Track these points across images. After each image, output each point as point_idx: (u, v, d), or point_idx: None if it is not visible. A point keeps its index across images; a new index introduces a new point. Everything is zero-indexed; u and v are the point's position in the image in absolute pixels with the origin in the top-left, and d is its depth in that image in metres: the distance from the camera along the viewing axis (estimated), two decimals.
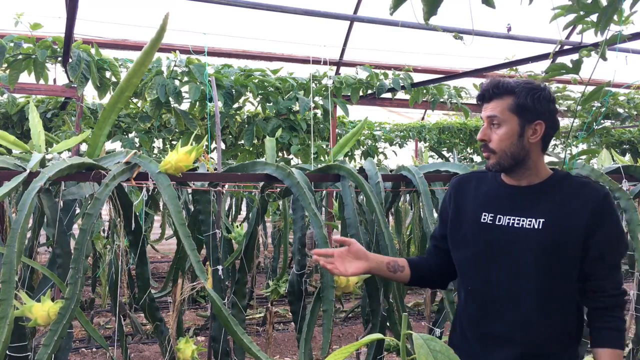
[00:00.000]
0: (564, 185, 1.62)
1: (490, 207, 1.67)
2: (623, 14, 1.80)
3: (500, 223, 1.63)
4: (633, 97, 5.67)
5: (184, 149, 2.03)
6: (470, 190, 1.75)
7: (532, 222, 1.59)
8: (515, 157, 1.60)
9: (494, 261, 1.63)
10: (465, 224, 1.70)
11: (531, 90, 1.60)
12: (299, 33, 5.11)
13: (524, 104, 1.59)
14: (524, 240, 1.59)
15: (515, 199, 1.64)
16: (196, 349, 2.24)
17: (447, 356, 0.87)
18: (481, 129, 1.64)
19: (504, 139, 1.60)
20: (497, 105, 1.61)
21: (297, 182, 2.17)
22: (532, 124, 1.60)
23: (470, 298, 1.69)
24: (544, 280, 1.57)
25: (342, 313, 5.91)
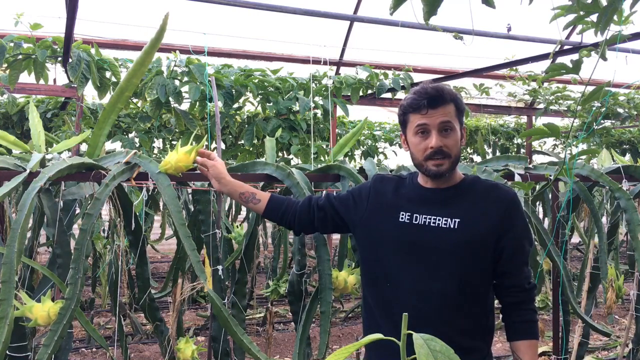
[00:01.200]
0: (476, 187, 1.71)
1: (408, 207, 1.72)
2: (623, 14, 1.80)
3: (417, 222, 1.68)
4: (633, 97, 5.67)
5: (183, 149, 2.03)
6: (389, 191, 1.79)
7: (447, 222, 1.65)
8: (458, 160, 1.69)
9: (411, 259, 1.67)
10: (383, 223, 1.74)
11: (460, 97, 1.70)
12: (299, 33, 5.11)
13: (462, 109, 1.69)
14: (440, 239, 1.64)
15: (432, 199, 1.70)
16: (196, 349, 2.24)
17: (448, 356, 0.87)
18: (434, 136, 1.63)
19: (455, 143, 1.66)
20: (446, 111, 1.64)
21: (297, 182, 2.17)
22: (462, 128, 1.70)
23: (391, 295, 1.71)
24: (459, 278, 1.62)
25: (342, 313, 5.91)
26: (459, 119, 1.67)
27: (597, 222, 2.82)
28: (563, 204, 2.67)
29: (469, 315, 1.65)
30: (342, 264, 2.44)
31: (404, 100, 1.71)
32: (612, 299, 3.18)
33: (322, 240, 2.16)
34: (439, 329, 1.59)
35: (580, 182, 2.54)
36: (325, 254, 2.15)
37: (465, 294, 1.63)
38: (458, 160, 1.69)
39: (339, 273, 2.22)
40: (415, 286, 1.64)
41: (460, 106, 1.68)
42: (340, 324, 5.66)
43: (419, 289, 1.64)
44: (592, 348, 4.75)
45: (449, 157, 1.65)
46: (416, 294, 1.64)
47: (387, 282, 1.72)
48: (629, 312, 2.83)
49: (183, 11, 4.52)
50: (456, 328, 1.63)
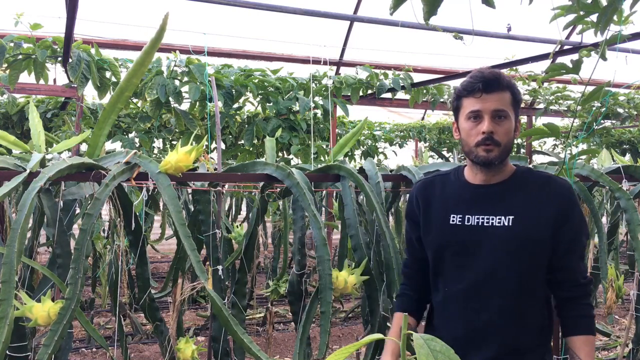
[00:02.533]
0: (529, 180, 1.64)
1: (458, 208, 1.66)
2: (623, 14, 1.80)
3: (469, 223, 1.63)
4: (633, 97, 5.67)
5: (184, 149, 2.03)
6: (436, 194, 1.74)
7: (501, 220, 1.59)
8: (509, 151, 1.63)
9: (467, 262, 1.63)
10: (436, 227, 1.70)
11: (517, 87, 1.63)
12: (299, 33, 5.11)
13: (519, 100, 1.62)
14: (495, 239, 1.59)
15: (482, 198, 1.65)
16: (196, 349, 2.24)
17: (448, 356, 0.87)
18: (486, 121, 1.57)
19: (508, 133, 1.59)
20: (501, 98, 1.58)
21: (297, 182, 2.16)
22: (517, 119, 1.64)
23: (450, 299, 1.68)
24: (518, 277, 1.58)
25: (342, 313, 5.91)
26: (514, 109, 1.60)
27: (597, 222, 2.82)
28: None
29: (529, 314, 1.60)
30: (342, 264, 2.44)
31: (460, 84, 1.65)
32: (612, 299, 3.18)
33: (322, 241, 2.15)
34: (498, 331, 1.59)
35: (580, 182, 2.54)
36: (325, 254, 2.15)
37: (524, 292, 1.58)
38: (509, 152, 1.61)
39: (339, 273, 2.22)
40: (472, 290, 1.61)
41: (516, 96, 1.61)
42: (340, 324, 5.66)
43: (477, 293, 1.60)
44: None
45: (499, 145, 1.57)
46: (475, 298, 1.61)
47: (446, 287, 1.69)
48: (629, 312, 2.83)
49: (183, 11, 4.53)
50: (516, 328, 1.59)
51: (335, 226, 4.07)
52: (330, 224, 4.14)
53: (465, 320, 1.63)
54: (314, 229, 2.17)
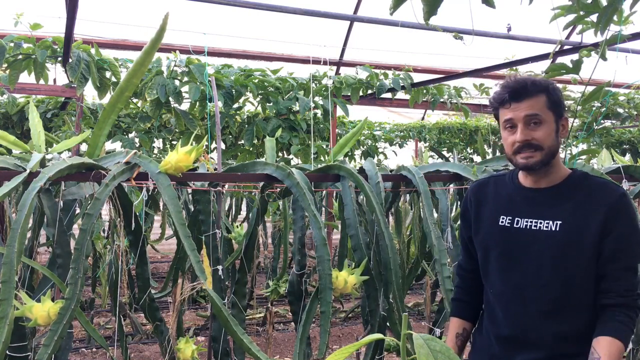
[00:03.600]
0: (583, 186, 1.62)
1: (509, 210, 1.66)
2: (623, 14, 1.80)
3: (518, 226, 1.63)
4: (633, 97, 5.67)
5: (184, 149, 2.03)
6: (489, 194, 1.74)
7: (549, 225, 1.58)
8: (554, 154, 1.60)
9: (513, 264, 1.63)
10: (485, 227, 1.71)
11: (557, 87, 1.62)
12: (299, 33, 5.11)
13: (557, 100, 1.60)
14: (541, 243, 1.58)
15: (533, 201, 1.64)
16: (196, 349, 2.24)
17: (448, 356, 0.87)
18: (520, 130, 1.57)
19: (547, 136, 1.57)
20: (534, 103, 1.57)
21: (297, 182, 2.16)
22: (561, 120, 1.62)
23: (495, 300, 1.69)
24: (561, 283, 1.56)
25: (342, 313, 5.91)
26: (553, 110, 1.58)
27: None
28: None
29: (572, 322, 1.57)
30: (342, 264, 2.44)
31: (492, 95, 1.66)
32: None
33: (322, 241, 2.15)
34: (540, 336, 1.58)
35: None
36: (325, 254, 2.15)
37: (568, 299, 1.56)
38: (553, 155, 1.59)
39: (339, 273, 2.22)
40: (516, 293, 1.60)
41: (553, 96, 1.59)
42: (340, 324, 5.65)
43: (520, 296, 1.59)
44: None
45: (540, 149, 1.56)
46: (518, 301, 1.60)
47: (491, 288, 1.69)
48: None
49: (183, 11, 4.53)
50: (558, 334, 1.57)
51: (335, 226, 4.07)
52: (330, 224, 4.14)
53: (509, 322, 1.64)
54: (314, 229, 2.17)
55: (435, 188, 2.68)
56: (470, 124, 7.84)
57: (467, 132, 7.92)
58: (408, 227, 5.06)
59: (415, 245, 3.75)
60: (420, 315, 5.68)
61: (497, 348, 1.67)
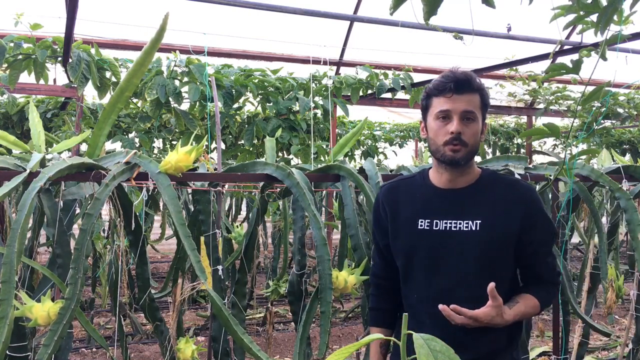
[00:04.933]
0: (495, 184, 1.66)
1: (426, 212, 1.66)
2: (623, 14, 1.80)
3: (437, 228, 1.63)
4: (633, 97, 5.67)
5: (184, 149, 2.03)
6: (402, 198, 1.73)
7: (469, 224, 1.60)
8: (474, 153, 1.64)
9: (437, 267, 1.62)
10: (403, 233, 1.69)
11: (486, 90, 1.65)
12: (299, 33, 5.11)
13: (486, 103, 1.64)
14: (463, 243, 1.59)
15: (449, 202, 1.65)
16: (196, 349, 2.24)
17: (448, 356, 0.87)
18: (455, 121, 1.58)
19: (475, 134, 1.61)
20: (471, 99, 1.60)
21: (297, 182, 2.16)
22: (484, 123, 1.65)
23: (420, 305, 1.67)
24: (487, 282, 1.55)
25: (342, 313, 5.91)
26: (482, 112, 1.63)
27: (597, 222, 2.82)
28: (563, 204, 2.67)
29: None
30: (342, 264, 2.44)
31: (430, 83, 1.66)
32: (612, 299, 3.18)
33: (322, 241, 2.15)
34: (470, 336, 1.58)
35: (580, 182, 2.54)
36: (325, 254, 2.15)
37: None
38: (474, 153, 1.64)
39: (339, 273, 2.22)
40: (443, 295, 1.59)
41: (485, 99, 1.64)
42: (340, 324, 5.66)
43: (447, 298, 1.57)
44: (592, 348, 4.75)
45: (466, 146, 1.59)
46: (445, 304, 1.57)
47: (415, 293, 1.68)
48: (629, 312, 2.83)
49: (183, 11, 4.53)
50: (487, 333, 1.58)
51: (335, 226, 4.07)
52: (330, 224, 4.14)
53: (436, 326, 1.60)
54: (314, 229, 2.17)
55: None
56: None
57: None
58: None
59: None
60: None
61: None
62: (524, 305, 1.61)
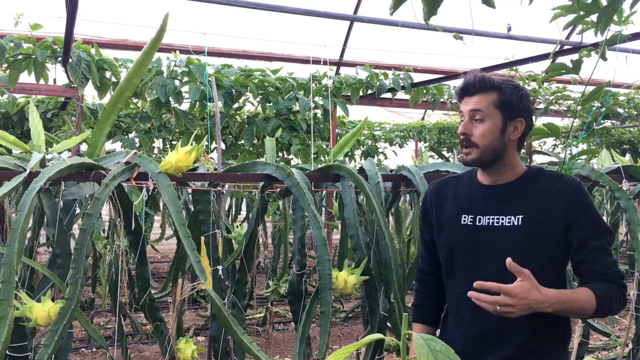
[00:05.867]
0: (539, 180, 1.64)
1: (470, 208, 1.67)
2: (623, 14, 1.80)
3: (480, 224, 1.63)
4: (633, 97, 5.67)
5: (184, 149, 2.03)
6: (449, 194, 1.74)
7: (511, 220, 1.59)
8: (496, 153, 1.61)
9: (478, 262, 1.62)
10: (447, 228, 1.70)
11: (515, 88, 1.62)
12: (299, 33, 5.11)
13: (509, 100, 1.61)
14: (505, 239, 1.59)
15: (493, 198, 1.65)
16: (196, 349, 2.24)
17: (448, 356, 0.87)
18: (462, 122, 1.61)
19: (487, 134, 1.59)
20: (481, 99, 1.60)
21: (297, 182, 2.16)
22: (514, 121, 1.61)
23: (461, 301, 1.66)
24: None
25: (342, 313, 5.91)
26: (502, 109, 1.59)
27: None
28: None
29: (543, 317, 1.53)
30: (342, 264, 2.44)
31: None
32: None
33: (322, 241, 2.15)
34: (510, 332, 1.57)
35: None
36: (325, 254, 2.15)
37: None
38: (493, 153, 1.60)
39: (339, 273, 2.22)
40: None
41: (506, 96, 1.60)
42: (340, 324, 5.66)
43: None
44: (592, 348, 4.75)
45: (476, 147, 1.59)
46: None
47: (456, 288, 1.68)
48: (629, 312, 2.83)
49: (183, 11, 4.53)
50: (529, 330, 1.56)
51: (335, 226, 4.07)
52: (330, 224, 4.14)
53: (477, 322, 1.62)
54: (314, 229, 2.17)
55: None
56: None
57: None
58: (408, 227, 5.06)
59: (415, 245, 3.76)
60: None
61: (465, 347, 1.64)
62: (572, 292, 1.50)
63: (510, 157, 1.64)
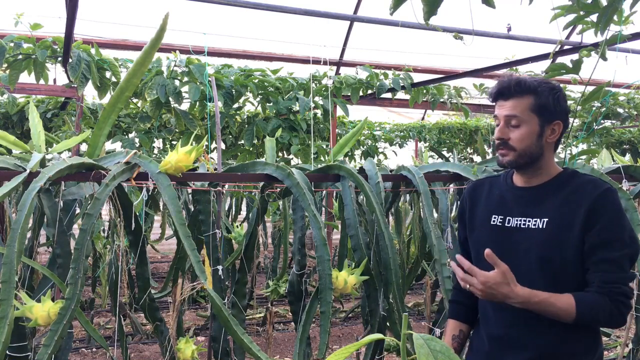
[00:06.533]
0: (570, 183, 1.61)
1: (501, 209, 1.67)
2: (623, 14, 1.80)
3: (509, 225, 1.64)
4: (633, 97, 5.67)
5: (184, 149, 2.03)
6: (483, 194, 1.76)
7: (537, 222, 1.59)
8: (533, 156, 1.60)
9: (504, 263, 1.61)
10: (478, 227, 1.72)
11: (552, 90, 1.58)
12: (299, 33, 5.11)
13: (545, 104, 1.58)
14: (529, 241, 1.58)
15: (523, 200, 1.65)
16: (196, 349, 2.24)
17: (448, 356, 0.87)
18: (498, 127, 1.61)
19: (525, 138, 1.58)
20: (517, 104, 1.58)
21: (297, 182, 2.16)
22: (551, 124, 1.59)
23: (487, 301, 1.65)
24: (549, 281, 1.55)
25: (342, 313, 5.91)
26: (538, 113, 1.57)
27: None
28: None
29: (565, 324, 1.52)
30: (342, 264, 2.44)
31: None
32: None
33: (322, 241, 2.16)
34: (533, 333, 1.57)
35: None
36: (325, 254, 2.15)
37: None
38: (530, 157, 1.59)
39: (339, 273, 2.22)
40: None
41: (541, 99, 1.57)
42: (340, 324, 5.65)
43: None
44: None
45: (513, 150, 1.58)
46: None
47: None
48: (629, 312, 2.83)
49: (183, 11, 4.53)
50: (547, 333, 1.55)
51: (335, 226, 4.07)
52: (330, 224, 4.14)
53: (502, 321, 1.63)
54: (314, 229, 2.17)
55: (435, 188, 2.68)
56: (470, 124, 7.84)
57: (467, 132, 7.92)
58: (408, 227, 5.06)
59: (415, 245, 3.76)
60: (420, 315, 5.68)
61: (490, 347, 1.66)
62: (549, 296, 1.49)
63: (547, 159, 1.63)
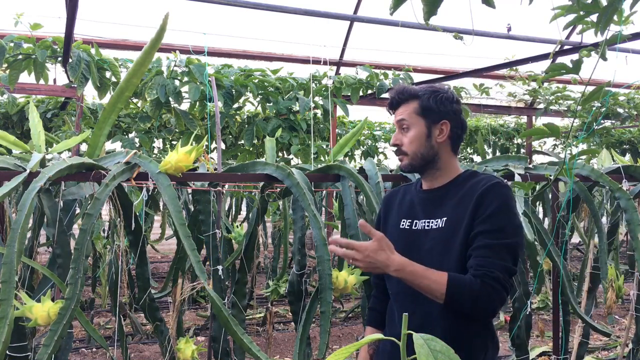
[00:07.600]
0: (467, 182, 1.67)
1: (409, 213, 1.74)
2: (623, 14, 1.79)
3: (416, 227, 1.70)
4: (633, 97, 5.67)
5: (184, 149, 2.03)
6: (396, 201, 1.82)
7: (438, 222, 1.65)
8: (425, 158, 1.68)
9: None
10: (389, 232, 1.74)
11: (433, 93, 1.69)
12: (299, 33, 5.11)
13: (427, 105, 1.68)
14: (431, 240, 1.64)
15: (427, 202, 1.71)
16: (196, 349, 2.24)
17: (448, 356, 0.87)
18: (393, 134, 1.73)
19: (413, 141, 1.68)
20: (404, 109, 1.70)
21: (297, 182, 2.16)
22: (437, 124, 1.68)
23: (393, 301, 1.75)
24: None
25: (342, 313, 5.91)
26: (424, 115, 1.68)
27: (597, 222, 2.82)
28: (563, 204, 2.67)
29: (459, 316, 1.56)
30: (342, 264, 2.44)
31: None
32: (612, 299, 3.18)
33: (322, 241, 2.16)
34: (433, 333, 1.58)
35: (580, 182, 2.54)
36: (325, 254, 2.15)
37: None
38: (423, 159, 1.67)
39: (339, 273, 2.22)
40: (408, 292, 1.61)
41: (424, 102, 1.68)
42: (340, 324, 5.66)
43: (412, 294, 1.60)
44: (592, 348, 4.75)
45: (406, 154, 1.69)
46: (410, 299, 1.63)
47: (390, 290, 1.76)
48: (629, 312, 2.83)
49: (183, 11, 4.53)
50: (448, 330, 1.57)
51: (336, 226, 4.07)
52: (330, 224, 4.14)
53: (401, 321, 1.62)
54: (314, 229, 2.17)
55: None
56: (470, 124, 7.84)
57: (467, 132, 7.92)
58: None
59: None
60: None
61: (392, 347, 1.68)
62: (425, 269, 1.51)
63: (444, 160, 1.70)
